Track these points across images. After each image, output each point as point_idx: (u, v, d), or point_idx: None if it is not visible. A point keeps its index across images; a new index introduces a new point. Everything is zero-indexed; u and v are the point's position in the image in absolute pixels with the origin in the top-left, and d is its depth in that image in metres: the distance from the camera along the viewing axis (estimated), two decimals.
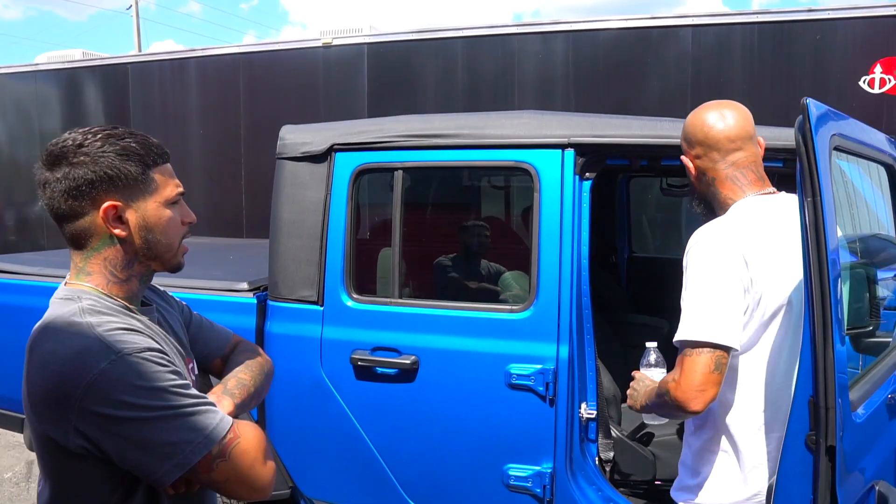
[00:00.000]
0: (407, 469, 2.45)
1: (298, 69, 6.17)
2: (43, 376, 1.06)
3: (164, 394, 1.05)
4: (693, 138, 1.68)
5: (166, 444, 1.05)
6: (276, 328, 2.60)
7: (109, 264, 1.17)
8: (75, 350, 1.04)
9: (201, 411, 1.08)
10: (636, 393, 1.77)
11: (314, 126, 2.65)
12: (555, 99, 5.34)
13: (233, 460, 1.10)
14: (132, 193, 1.15)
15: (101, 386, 1.02)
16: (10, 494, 3.98)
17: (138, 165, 1.15)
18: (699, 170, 1.68)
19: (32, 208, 7.68)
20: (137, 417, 1.03)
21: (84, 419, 1.03)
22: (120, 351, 1.04)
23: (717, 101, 1.72)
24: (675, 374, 1.52)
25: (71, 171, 1.11)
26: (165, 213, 1.19)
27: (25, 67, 7.64)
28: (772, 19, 4.87)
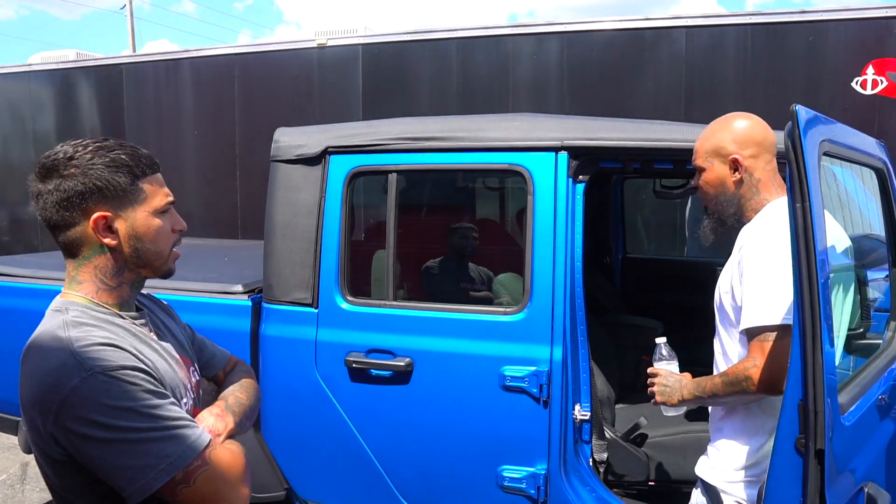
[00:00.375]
0: (401, 470, 2.46)
1: (293, 70, 6.17)
2: (28, 387, 1.10)
3: (131, 414, 1.06)
4: (750, 139, 1.75)
5: (128, 467, 1.06)
6: (271, 330, 2.60)
7: (100, 272, 1.20)
8: (53, 365, 1.07)
9: (170, 436, 1.09)
10: (669, 389, 1.86)
11: (308, 128, 2.66)
12: (549, 100, 5.36)
13: (197, 486, 1.11)
14: (121, 204, 1.18)
15: (73, 402, 1.04)
16: (5, 497, 3.97)
17: (127, 177, 1.17)
18: (747, 169, 1.75)
19: (26, 209, 7.65)
20: (103, 438, 1.05)
21: (59, 431, 1.06)
22: (91, 368, 1.06)
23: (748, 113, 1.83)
24: (755, 360, 1.59)
25: (62, 183, 1.14)
26: (154, 223, 1.21)
27: (19, 68, 7.62)
28: (765, 20, 4.89)
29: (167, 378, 1.19)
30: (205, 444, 1.13)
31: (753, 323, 1.61)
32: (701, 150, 1.81)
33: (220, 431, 1.25)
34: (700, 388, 1.77)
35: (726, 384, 1.68)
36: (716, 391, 1.71)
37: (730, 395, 1.68)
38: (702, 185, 1.82)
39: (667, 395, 1.87)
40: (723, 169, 1.77)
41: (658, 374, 1.93)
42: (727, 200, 1.78)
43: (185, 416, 1.14)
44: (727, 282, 1.76)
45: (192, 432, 1.12)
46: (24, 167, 7.61)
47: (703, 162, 1.80)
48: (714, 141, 1.78)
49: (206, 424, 1.24)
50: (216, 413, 1.29)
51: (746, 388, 1.62)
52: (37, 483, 4.13)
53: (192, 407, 1.27)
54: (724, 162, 1.76)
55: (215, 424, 1.26)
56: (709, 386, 1.74)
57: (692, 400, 1.81)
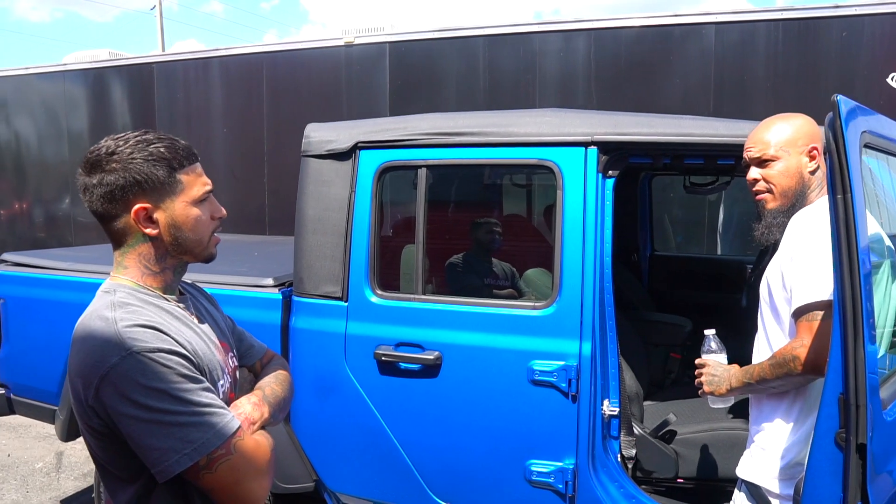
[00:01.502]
0: (430, 464, 2.47)
1: (321, 68, 6.22)
2: (75, 361, 1.15)
3: (163, 396, 1.10)
4: (819, 134, 1.79)
5: (154, 448, 1.10)
6: (301, 323, 2.63)
7: (144, 259, 1.25)
8: (98, 342, 1.12)
9: (196, 422, 1.11)
10: (717, 378, 1.87)
11: (339, 124, 2.68)
12: (576, 97, 5.33)
13: (218, 474, 1.13)
14: (160, 195, 1.22)
15: (112, 378, 1.09)
16: (42, 484, 4.07)
17: (165, 169, 1.21)
18: (818, 165, 1.79)
19: (60, 206, 7.82)
20: (136, 416, 1.09)
21: (98, 404, 1.11)
22: (131, 348, 1.10)
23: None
24: (802, 340, 1.60)
25: (105, 177, 1.19)
26: (192, 212, 1.25)
27: (54, 67, 7.77)
28: (796, 16, 4.82)
29: (205, 360, 1.22)
30: (231, 432, 1.15)
31: (801, 302, 1.62)
32: (774, 141, 1.81)
33: (255, 420, 1.28)
34: (748, 374, 1.78)
35: (774, 366, 1.68)
36: (764, 375, 1.72)
37: (778, 377, 1.68)
38: (771, 177, 1.82)
39: (715, 384, 1.88)
40: (799, 158, 1.79)
41: (706, 364, 1.95)
42: (797, 191, 1.80)
43: (216, 402, 1.17)
44: (776, 270, 1.76)
45: (219, 420, 1.14)
46: (59, 165, 7.77)
47: (777, 152, 1.80)
48: (791, 132, 1.80)
49: (243, 412, 1.27)
50: (254, 402, 1.32)
51: (793, 368, 1.62)
52: (71, 472, 4.23)
53: (228, 390, 1.30)
54: (801, 152, 1.79)
55: (252, 413, 1.28)
56: (757, 371, 1.75)
57: (740, 388, 1.82)
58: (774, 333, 1.79)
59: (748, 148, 1.87)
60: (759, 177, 1.84)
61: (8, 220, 8.20)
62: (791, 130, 1.81)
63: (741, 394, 1.92)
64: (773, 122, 1.85)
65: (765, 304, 1.83)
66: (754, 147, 1.84)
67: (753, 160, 1.85)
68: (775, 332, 1.79)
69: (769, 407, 1.81)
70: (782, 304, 1.74)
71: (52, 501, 3.83)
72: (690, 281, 4.13)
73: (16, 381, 3.39)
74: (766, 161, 1.82)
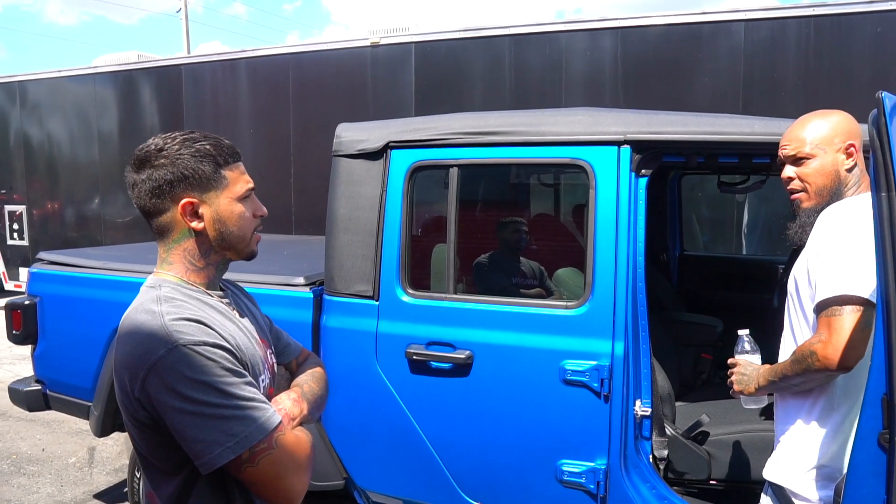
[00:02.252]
0: (460, 463, 2.48)
1: (346, 68, 6.26)
2: (122, 353, 1.17)
3: (207, 388, 1.11)
4: (858, 132, 1.79)
5: (198, 440, 1.11)
6: (332, 322, 2.65)
7: (188, 254, 1.28)
8: (145, 335, 1.14)
9: (239, 416, 1.13)
10: (746, 377, 1.88)
11: (370, 124, 2.70)
12: (603, 96, 5.31)
13: (260, 467, 1.15)
14: (206, 190, 1.25)
15: (158, 370, 1.11)
16: (75, 479, 4.14)
17: (211, 165, 1.25)
18: (855, 163, 1.77)
19: (90, 206, 7.96)
20: (181, 408, 1.10)
21: (144, 396, 1.13)
22: (177, 341, 1.12)
23: None
24: (821, 336, 1.58)
25: (153, 173, 1.23)
26: (237, 208, 1.29)
27: (84, 70, 7.91)
28: (828, 12, 4.74)
29: (247, 354, 1.24)
30: (273, 426, 1.16)
31: (822, 296, 1.60)
32: (810, 138, 1.78)
33: (295, 416, 1.30)
34: (773, 372, 1.78)
35: (794, 363, 1.67)
36: (785, 372, 1.71)
37: (798, 374, 1.67)
38: (806, 175, 1.79)
39: (744, 383, 1.88)
40: (836, 156, 1.76)
41: (737, 363, 1.94)
42: (833, 189, 1.77)
43: (258, 397, 1.18)
44: (803, 266, 1.74)
45: (261, 414, 1.16)
46: (89, 166, 7.92)
47: (813, 149, 1.77)
48: (828, 129, 1.78)
49: (283, 407, 1.29)
50: (293, 398, 1.34)
51: (811, 364, 1.60)
52: (104, 466, 4.30)
53: (268, 385, 1.33)
54: (838, 149, 1.76)
55: (292, 409, 1.30)
56: (780, 368, 1.74)
57: (767, 386, 1.81)
58: (800, 331, 1.77)
59: (783, 146, 1.84)
60: (794, 175, 1.81)
61: (40, 220, 8.36)
62: (828, 128, 1.78)
63: (768, 392, 1.90)
64: (810, 120, 1.82)
65: (792, 302, 1.81)
66: (789, 145, 1.82)
67: (788, 158, 1.82)
68: (801, 329, 1.77)
69: (793, 407, 1.79)
70: (807, 300, 1.72)
71: (85, 495, 3.90)
72: (720, 281, 4.09)
73: (52, 377, 3.46)
74: (802, 159, 1.79)
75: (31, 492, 3.95)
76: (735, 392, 1.92)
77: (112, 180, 7.73)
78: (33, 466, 4.29)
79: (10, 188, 8.50)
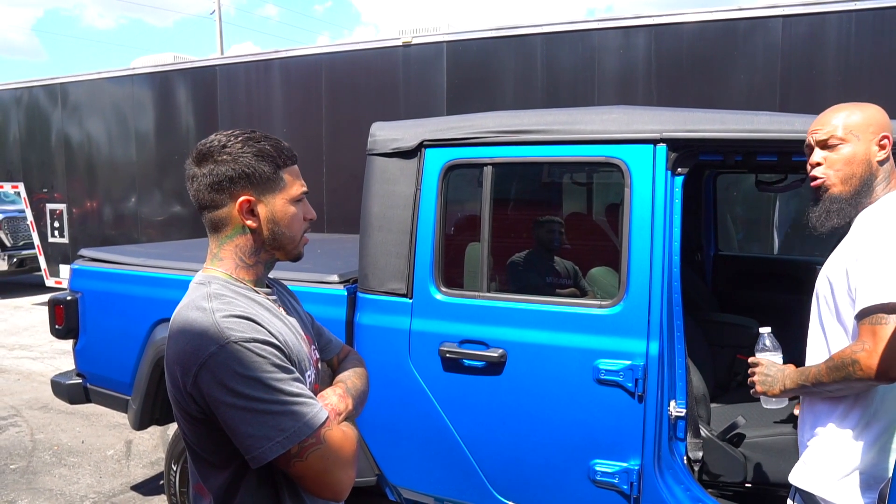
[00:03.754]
0: (492, 461, 2.48)
1: (379, 68, 6.29)
2: (174, 349, 1.19)
3: (257, 384, 1.13)
4: (887, 125, 1.72)
5: (249, 435, 1.13)
6: (366, 320, 2.67)
7: (240, 251, 1.30)
8: (197, 331, 1.16)
9: (288, 411, 1.15)
10: (771, 378, 1.82)
11: (404, 123, 2.71)
12: (636, 94, 5.26)
13: (309, 462, 1.17)
14: (264, 190, 1.28)
15: (211, 366, 1.13)
16: (113, 471, 4.24)
17: (271, 166, 1.28)
18: (887, 156, 1.71)
19: (127, 204, 8.12)
20: (232, 403, 1.13)
21: (196, 391, 1.15)
22: (228, 338, 1.14)
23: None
24: (864, 344, 1.53)
25: (215, 168, 1.25)
26: (291, 210, 1.31)
27: (122, 72, 8.09)
28: (871, 6, 4.63)
29: (294, 350, 1.26)
30: (321, 422, 1.18)
31: (866, 303, 1.53)
32: (843, 123, 1.72)
33: (340, 411, 1.32)
34: (803, 376, 1.71)
35: (831, 369, 1.60)
36: (820, 377, 1.64)
37: (835, 381, 1.60)
38: (836, 161, 1.72)
39: (768, 384, 1.82)
40: (869, 146, 1.70)
41: (759, 363, 1.90)
42: (863, 179, 1.70)
43: (306, 392, 1.20)
44: (840, 268, 1.67)
45: (309, 409, 1.18)
46: (127, 165, 8.08)
47: (847, 135, 1.70)
48: (863, 117, 1.71)
49: (330, 402, 1.32)
50: (339, 394, 1.36)
51: (852, 372, 1.54)
52: (140, 459, 4.40)
53: (314, 381, 1.35)
54: (872, 139, 1.70)
55: (338, 404, 1.33)
56: (812, 372, 1.67)
57: (795, 389, 1.75)
58: (834, 334, 1.70)
59: (814, 130, 1.76)
60: (823, 160, 1.73)
61: (80, 218, 8.57)
62: (863, 116, 1.71)
63: (795, 394, 1.85)
64: (844, 108, 1.76)
65: (824, 303, 1.75)
66: (822, 129, 1.74)
67: (819, 143, 1.74)
68: (836, 332, 1.70)
69: (824, 411, 1.73)
70: (845, 304, 1.66)
71: (123, 487, 4.00)
72: (756, 281, 4.02)
73: (92, 371, 3.55)
74: (834, 145, 1.72)
75: (72, 482, 4.05)
76: (757, 392, 1.88)
77: (149, 179, 7.89)
78: (74, 458, 4.40)
79: (51, 187, 8.72)
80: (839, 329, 1.70)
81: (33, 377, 6.17)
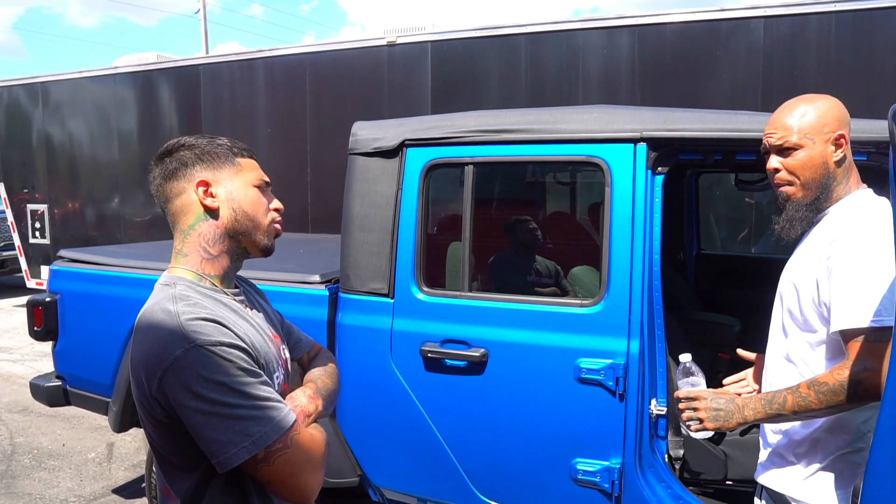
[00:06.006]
0: (474, 461, 2.48)
1: (363, 68, 6.27)
2: (138, 352, 1.18)
3: (224, 389, 1.12)
4: (847, 119, 1.67)
5: (215, 440, 1.13)
6: (348, 320, 2.66)
7: (203, 240, 1.29)
8: (162, 334, 1.15)
9: (255, 416, 1.14)
10: (722, 412, 1.68)
11: (385, 122, 2.70)
12: (620, 95, 5.27)
13: (276, 466, 1.16)
14: (221, 171, 1.31)
15: (176, 370, 1.12)
16: (94, 474, 4.20)
17: (226, 151, 1.33)
18: (844, 153, 1.66)
19: (110, 205, 8.05)
20: (197, 408, 1.11)
21: (161, 396, 1.14)
22: (194, 341, 1.13)
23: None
24: (864, 364, 1.47)
25: (172, 160, 1.30)
26: (251, 191, 1.33)
27: (105, 71, 8.01)
28: (851, 7, 4.67)
29: (262, 352, 1.25)
30: (288, 426, 1.17)
31: (859, 323, 1.47)
32: (797, 126, 1.64)
33: (310, 412, 1.31)
34: (775, 405, 1.60)
35: (826, 394, 1.51)
36: (809, 406, 1.54)
37: (829, 406, 1.52)
38: (794, 167, 1.66)
39: (721, 419, 1.67)
40: (825, 147, 1.64)
41: (699, 396, 1.73)
42: (821, 183, 1.66)
43: (274, 396, 1.19)
44: (808, 276, 1.63)
45: (276, 413, 1.17)
46: (109, 165, 8.01)
47: (801, 139, 1.64)
48: (816, 116, 1.64)
49: (299, 404, 1.30)
50: (308, 394, 1.35)
51: (857, 393, 1.47)
52: (122, 462, 4.35)
53: (283, 381, 1.34)
54: (827, 139, 1.64)
55: (307, 405, 1.32)
56: (791, 400, 1.56)
57: (762, 419, 1.63)
58: (797, 345, 1.66)
59: (768, 133, 1.69)
60: (780, 166, 1.68)
61: (61, 219, 8.47)
62: (816, 115, 1.63)
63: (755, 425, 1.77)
64: (797, 105, 1.67)
65: (787, 313, 1.69)
66: (775, 133, 1.67)
67: (774, 147, 1.68)
68: (798, 343, 1.66)
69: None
70: (812, 315, 1.62)
71: (104, 490, 3.95)
72: (738, 280, 4.05)
73: (72, 373, 3.51)
74: (789, 149, 1.65)
75: (52, 486, 4.01)
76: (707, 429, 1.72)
77: (131, 179, 7.81)
78: (54, 461, 4.35)
79: (32, 187, 8.62)
80: (802, 340, 1.67)
81: (13, 380, 6.10)
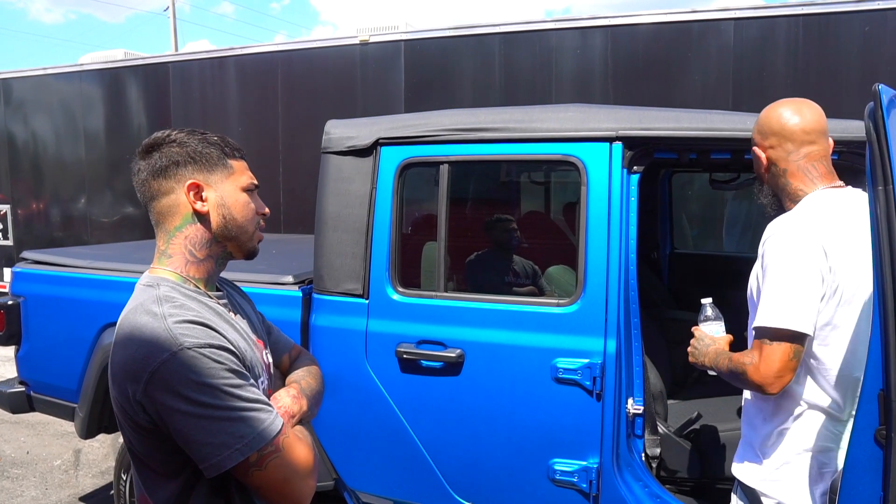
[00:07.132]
0: (451, 462, 2.46)
1: (336, 67, 6.21)
2: (121, 355, 1.13)
3: (214, 391, 1.09)
4: (768, 129, 1.75)
5: (205, 444, 1.09)
6: (321, 321, 2.62)
7: (189, 243, 1.25)
8: (147, 337, 1.10)
9: (247, 417, 1.11)
10: (698, 351, 1.90)
11: (359, 120, 2.67)
12: (593, 94, 5.30)
13: (268, 471, 1.13)
14: (212, 173, 1.25)
15: (163, 374, 1.07)
16: (60, 481, 4.08)
17: (218, 151, 1.27)
18: (770, 160, 1.76)
19: (76, 205, 7.86)
20: (186, 411, 1.07)
21: (147, 400, 1.09)
22: (182, 344, 1.09)
23: (794, 98, 1.82)
24: (753, 358, 1.62)
25: (162, 155, 1.23)
26: (241, 196, 1.28)
27: (70, 68, 7.82)
28: (817, 11, 4.75)
29: (248, 356, 1.21)
30: (278, 429, 1.14)
31: (758, 323, 1.62)
32: (754, 131, 1.84)
33: (294, 413, 1.27)
34: (714, 361, 1.80)
35: (730, 368, 1.71)
36: (721, 369, 1.76)
37: (731, 379, 1.72)
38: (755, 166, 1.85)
39: (695, 356, 1.90)
40: (762, 153, 1.78)
41: (695, 335, 1.96)
42: (764, 189, 1.82)
43: (263, 398, 1.16)
44: (755, 276, 1.75)
45: (267, 416, 1.14)
46: (75, 165, 7.82)
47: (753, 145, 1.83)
48: (756, 125, 1.82)
49: (283, 405, 1.27)
50: (292, 395, 1.31)
51: (742, 380, 1.66)
52: (90, 469, 4.24)
53: (267, 386, 1.30)
54: (763, 146, 1.78)
55: (291, 406, 1.28)
56: (721, 362, 1.77)
57: (710, 367, 1.84)
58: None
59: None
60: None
61: (25, 220, 8.26)
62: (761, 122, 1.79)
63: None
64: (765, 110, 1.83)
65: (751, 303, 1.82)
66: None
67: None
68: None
69: (754, 407, 1.79)
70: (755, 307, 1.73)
71: (70, 498, 3.85)
72: (711, 278, 4.09)
73: (36, 378, 3.41)
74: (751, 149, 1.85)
75: (16, 495, 3.89)
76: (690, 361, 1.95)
77: (99, 179, 7.64)
78: (17, 469, 4.23)
79: None
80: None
81: None
